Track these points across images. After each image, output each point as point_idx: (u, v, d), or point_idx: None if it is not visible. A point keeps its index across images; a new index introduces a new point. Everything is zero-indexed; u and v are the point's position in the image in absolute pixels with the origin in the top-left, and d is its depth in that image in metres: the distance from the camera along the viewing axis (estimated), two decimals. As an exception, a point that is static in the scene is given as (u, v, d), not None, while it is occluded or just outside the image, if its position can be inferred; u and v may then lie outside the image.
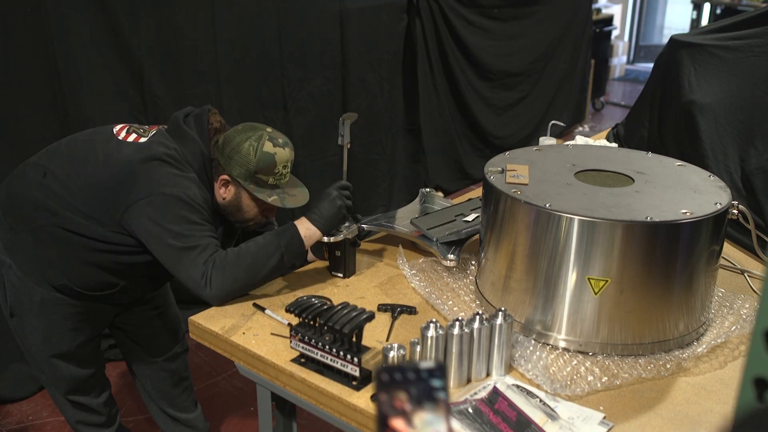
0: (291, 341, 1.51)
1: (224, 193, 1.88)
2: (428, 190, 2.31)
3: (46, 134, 2.98)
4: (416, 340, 1.41)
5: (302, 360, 1.50)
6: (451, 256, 1.86)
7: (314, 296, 1.56)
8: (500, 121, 5.51)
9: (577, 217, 1.45)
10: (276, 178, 1.84)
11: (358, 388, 1.42)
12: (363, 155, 4.31)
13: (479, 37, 5.16)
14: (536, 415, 1.32)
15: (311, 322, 1.47)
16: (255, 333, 1.62)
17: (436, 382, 0.62)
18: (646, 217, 1.44)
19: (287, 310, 1.50)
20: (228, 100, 3.57)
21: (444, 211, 2.12)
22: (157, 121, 3.28)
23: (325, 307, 1.48)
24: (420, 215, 2.11)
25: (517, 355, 1.51)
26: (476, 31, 5.13)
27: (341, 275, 1.87)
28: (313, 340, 1.46)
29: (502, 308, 1.45)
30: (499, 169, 1.71)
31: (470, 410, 1.33)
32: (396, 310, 1.69)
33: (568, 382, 1.43)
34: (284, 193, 1.87)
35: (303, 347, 1.48)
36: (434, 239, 1.92)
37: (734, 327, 1.62)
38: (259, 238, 1.78)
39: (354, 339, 1.42)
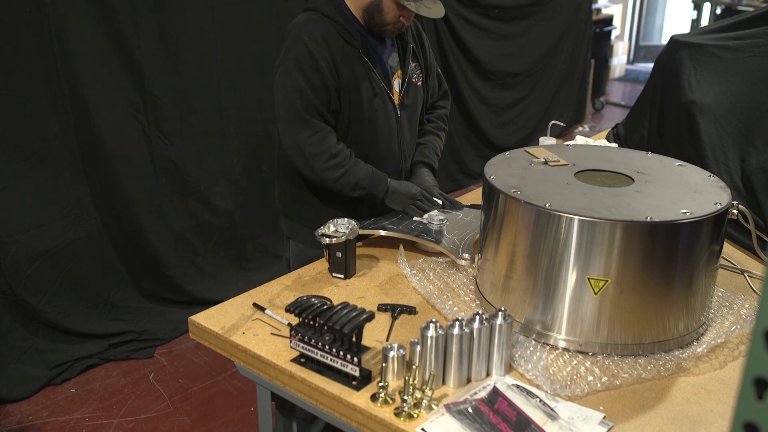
0: (291, 341, 1.51)
1: None
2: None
3: (46, 134, 2.98)
4: (416, 340, 1.41)
5: (302, 360, 1.50)
6: (466, 255, 1.86)
7: (314, 296, 1.56)
8: (500, 121, 5.51)
9: (577, 217, 1.45)
10: None
11: (358, 388, 1.42)
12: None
13: (479, 37, 5.16)
14: (536, 415, 1.32)
15: (311, 322, 1.47)
16: (255, 333, 1.62)
17: None
18: (646, 217, 1.44)
19: (287, 310, 1.50)
20: (228, 100, 3.57)
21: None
22: (156, 121, 3.31)
23: (325, 307, 1.48)
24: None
25: (517, 355, 1.51)
26: (476, 31, 5.14)
27: (342, 276, 1.87)
28: (313, 340, 1.46)
29: (502, 308, 1.45)
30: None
31: (470, 410, 1.33)
32: (396, 310, 1.69)
33: (568, 382, 1.43)
34: (421, 3, 2.02)
35: (303, 347, 1.48)
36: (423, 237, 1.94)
37: (734, 327, 1.63)
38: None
39: (354, 339, 1.42)
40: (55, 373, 3.05)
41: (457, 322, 1.40)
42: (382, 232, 2.03)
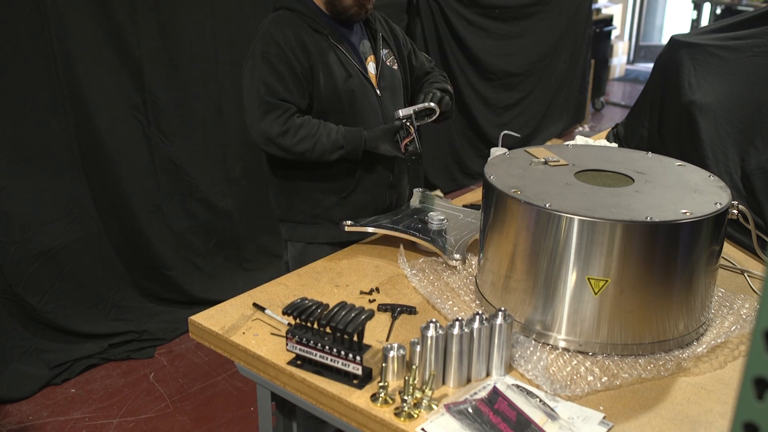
0: (287, 344, 1.51)
1: None
2: (421, 190, 2.32)
3: (46, 134, 2.98)
4: (416, 340, 1.41)
5: (298, 362, 1.50)
6: (457, 256, 1.87)
7: (306, 299, 1.55)
8: (500, 121, 5.51)
9: (577, 217, 1.45)
10: None
11: (360, 386, 1.42)
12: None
13: (479, 37, 5.16)
14: (536, 415, 1.32)
15: (308, 324, 1.46)
16: (255, 333, 1.62)
17: None
18: (646, 217, 1.44)
19: (284, 313, 1.50)
20: (228, 100, 3.57)
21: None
22: (156, 121, 3.31)
23: (323, 308, 1.48)
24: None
25: (517, 356, 1.51)
26: (476, 31, 5.14)
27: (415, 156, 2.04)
28: (311, 342, 1.46)
29: (502, 308, 1.45)
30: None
31: (470, 410, 1.33)
32: (396, 310, 1.69)
33: (568, 382, 1.43)
34: None
35: (300, 349, 1.48)
36: (429, 238, 1.94)
37: (734, 327, 1.62)
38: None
39: (356, 338, 1.42)
40: (55, 373, 3.05)
41: (457, 322, 1.40)
42: (370, 229, 2.03)
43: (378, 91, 2.17)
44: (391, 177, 2.21)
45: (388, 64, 2.23)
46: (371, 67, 2.18)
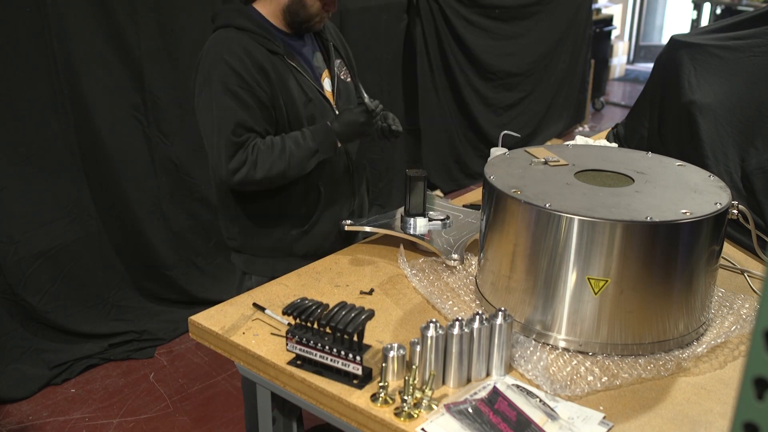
0: (287, 344, 1.51)
1: None
2: None
3: (46, 134, 2.98)
4: (416, 340, 1.41)
5: (298, 362, 1.50)
6: (455, 256, 1.87)
7: (306, 299, 1.55)
8: (500, 121, 5.51)
9: (577, 217, 1.45)
10: None
11: (360, 386, 1.42)
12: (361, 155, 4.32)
13: (479, 37, 5.16)
14: (536, 415, 1.32)
15: (308, 324, 1.46)
16: (255, 333, 1.62)
17: None
18: (646, 217, 1.44)
19: (284, 313, 1.50)
20: (228, 100, 3.56)
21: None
22: (156, 121, 3.31)
23: (323, 308, 1.48)
24: None
25: (517, 356, 1.51)
26: (476, 31, 5.14)
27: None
28: (311, 342, 1.46)
29: (502, 308, 1.45)
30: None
31: (470, 410, 1.33)
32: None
33: (568, 382, 1.43)
34: None
35: (300, 349, 1.48)
36: (423, 237, 1.95)
37: (734, 327, 1.63)
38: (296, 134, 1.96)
39: (356, 338, 1.42)
40: (55, 373, 3.05)
41: (457, 322, 1.40)
42: (369, 229, 2.03)
43: (336, 112, 2.07)
44: (353, 192, 2.16)
45: (342, 77, 2.13)
46: (327, 84, 2.09)
